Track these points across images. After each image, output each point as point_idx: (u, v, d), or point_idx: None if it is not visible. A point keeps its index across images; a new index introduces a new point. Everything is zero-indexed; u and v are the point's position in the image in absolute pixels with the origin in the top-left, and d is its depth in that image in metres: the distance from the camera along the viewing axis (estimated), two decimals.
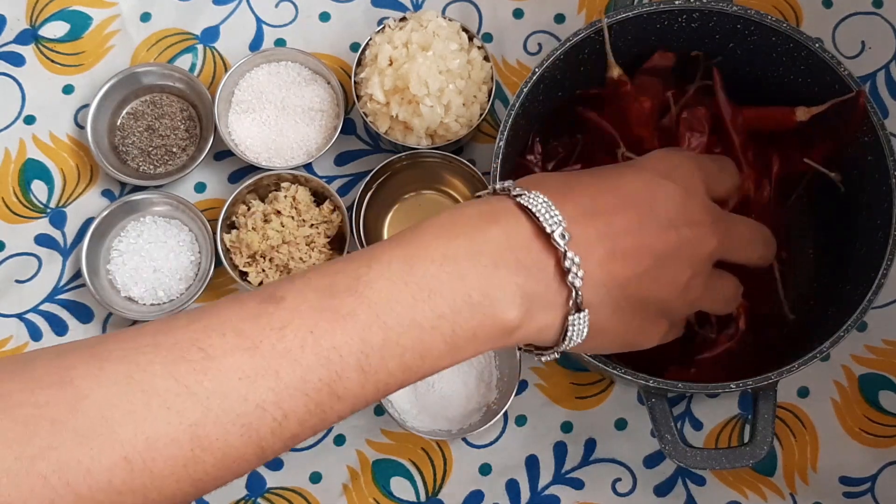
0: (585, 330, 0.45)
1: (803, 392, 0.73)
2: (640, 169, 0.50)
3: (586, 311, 0.45)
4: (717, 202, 0.52)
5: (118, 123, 0.79)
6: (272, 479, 0.72)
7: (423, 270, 0.42)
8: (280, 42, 0.81)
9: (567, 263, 0.43)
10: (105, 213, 0.75)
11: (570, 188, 0.46)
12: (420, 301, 0.41)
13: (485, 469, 0.72)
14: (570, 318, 0.45)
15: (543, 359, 0.49)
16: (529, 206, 0.44)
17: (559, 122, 0.70)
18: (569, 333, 0.45)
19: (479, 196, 0.48)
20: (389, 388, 0.42)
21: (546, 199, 0.44)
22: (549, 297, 0.44)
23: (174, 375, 0.38)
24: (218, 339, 0.40)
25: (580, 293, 0.44)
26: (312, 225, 0.74)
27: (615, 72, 0.66)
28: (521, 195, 0.45)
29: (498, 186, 0.46)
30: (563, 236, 0.43)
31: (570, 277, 0.43)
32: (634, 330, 0.49)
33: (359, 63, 0.76)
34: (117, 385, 0.38)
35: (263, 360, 0.39)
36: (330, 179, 0.78)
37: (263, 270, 0.73)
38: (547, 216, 0.44)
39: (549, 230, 0.43)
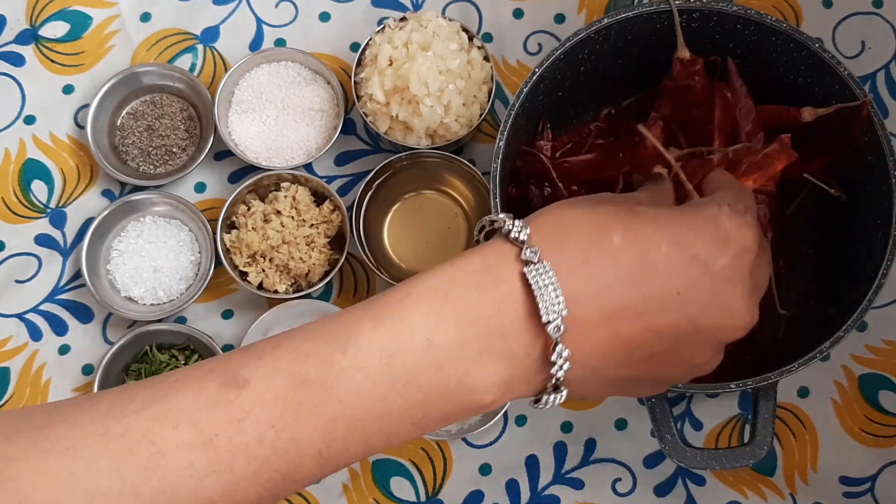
0: (560, 401, 0.43)
1: (803, 392, 0.73)
2: (674, 243, 0.43)
3: (565, 391, 0.42)
4: None
5: (118, 123, 0.79)
6: None
7: (401, 359, 0.39)
8: (280, 42, 0.81)
9: (554, 357, 0.40)
10: (105, 213, 0.75)
11: (595, 250, 0.42)
12: (393, 393, 0.39)
13: (485, 469, 0.72)
14: (546, 397, 0.42)
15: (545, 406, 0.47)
16: (533, 286, 0.40)
17: (571, 110, 0.70)
18: (539, 405, 0.43)
19: (485, 227, 0.44)
20: (350, 464, 0.41)
21: (554, 281, 0.40)
22: (528, 378, 0.42)
23: (120, 474, 0.36)
24: (170, 430, 0.37)
25: (561, 379, 0.42)
26: (312, 225, 0.74)
27: (686, 52, 0.66)
28: (529, 265, 0.40)
29: (511, 231, 0.42)
30: (558, 329, 0.40)
31: (553, 370, 0.41)
32: (621, 392, 0.46)
33: (359, 63, 0.76)
34: (58, 485, 0.36)
35: (217, 455, 0.37)
36: (330, 179, 0.78)
37: (263, 270, 0.73)
38: (549, 303, 0.40)
39: (545, 319, 0.40)
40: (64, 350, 0.76)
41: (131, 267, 0.75)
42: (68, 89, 0.80)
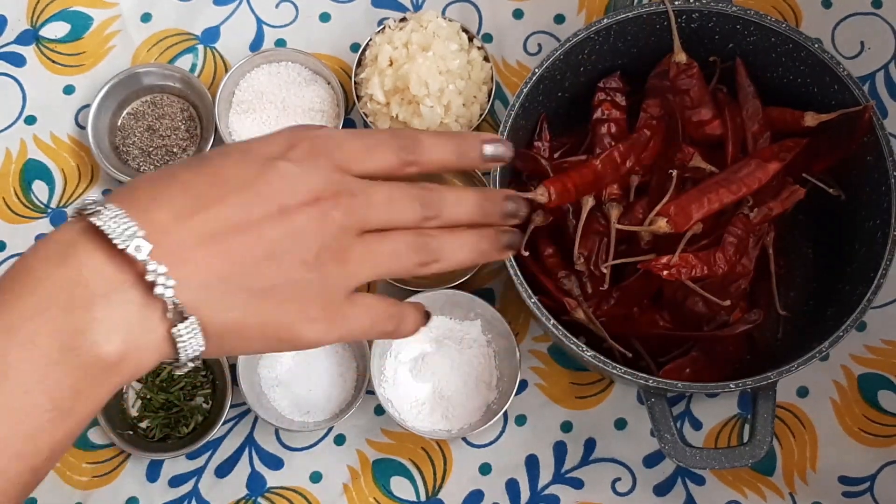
0: (199, 337, 0.42)
1: (802, 392, 0.73)
2: (245, 151, 0.45)
3: (193, 317, 0.41)
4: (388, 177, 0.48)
5: (119, 124, 0.79)
6: (272, 478, 0.72)
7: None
8: (280, 42, 0.81)
9: (150, 276, 0.40)
10: None
11: (164, 188, 0.43)
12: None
13: (485, 469, 0.72)
14: (174, 329, 0.41)
15: (176, 373, 0.46)
16: (100, 226, 0.40)
17: (571, 110, 0.71)
18: (180, 344, 0.42)
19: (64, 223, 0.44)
20: (15, 481, 0.39)
21: (119, 211, 0.40)
22: (145, 316, 0.41)
23: None
24: None
25: (177, 302, 0.41)
26: None
27: (682, 56, 0.66)
28: (93, 213, 0.41)
29: (79, 206, 0.42)
30: (138, 249, 0.40)
31: (156, 290, 0.40)
32: (276, 320, 0.45)
33: (359, 63, 0.76)
34: None
35: None
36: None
37: None
38: (118, 231, 0.40)
39: (122, 246, 0.40)
40: None
41: None
42: (69, 90, 0.80)
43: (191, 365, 0.44)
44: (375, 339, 0.50)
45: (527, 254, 0.65)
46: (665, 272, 0.60)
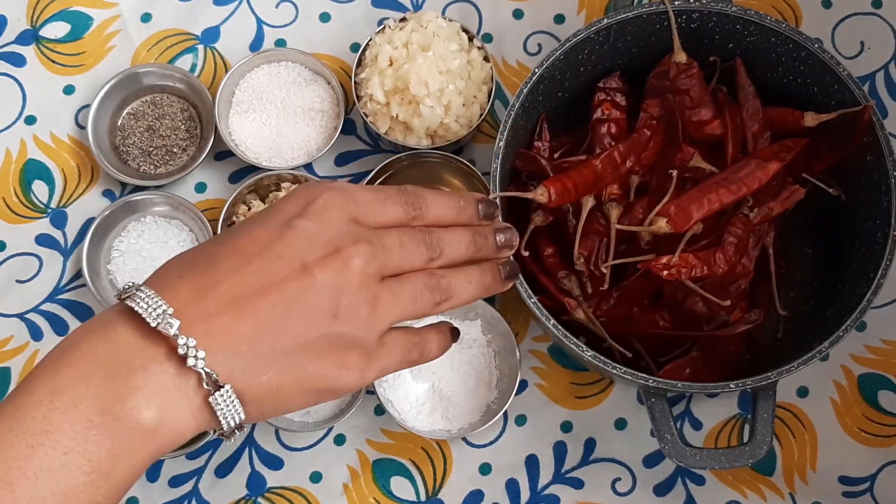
0: (237, 403, 0.44)
1: (803, 392, 0.73)
2: (264, 217, 0.48)
3: (228, 385, 0.44)
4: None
5: (119, 124, 0.79)
6: (272, 478, 0.72)
7: (31, 415, 0.41)
8: (280, 42, 0.81)
9: (181, 350, 0.42)
10: (106, 213, 0.75)
11: (190, 266, 0.46)
12: (38, 447, 0.40)
13: (485, 469, 0.72)
14: (211, 399, 0.44)
15: (229, 441, 0.48)
16: (134, 306, 0.43)
17: (571, 110, 0.71)
18: (219, 412, 0.44)
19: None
20: None
21: (150, 293, 0.44)
22: (180, 386, 0.43)
23: None
24: None
25: (209, 371, 0.43)
26: None
27: (682, 56, 0.66)
28: (129, 296, 0.44)
29: (119, 290, 0.46)
30: (169, 325, 0.43)
31: (189, 362, 0.43)
32: (313, 374, 0.46)
33: (359, 63, 0.76)
34: None
35: None
36: (330, 180, 0.78)
37: None
38: (149, 310, 0.43)
39: (153, 324, 0.43)
40: None
41: (132, 267, 0.75)
42: (69, 90, 0.80)
43: (237, 434, 0.46)
44: (406, 368, 0.52)
45: (527, 254, 0.65)
46: (665, 272, 0.60)
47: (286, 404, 0.47)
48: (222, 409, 0.44)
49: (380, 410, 0.73)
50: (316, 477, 0.72)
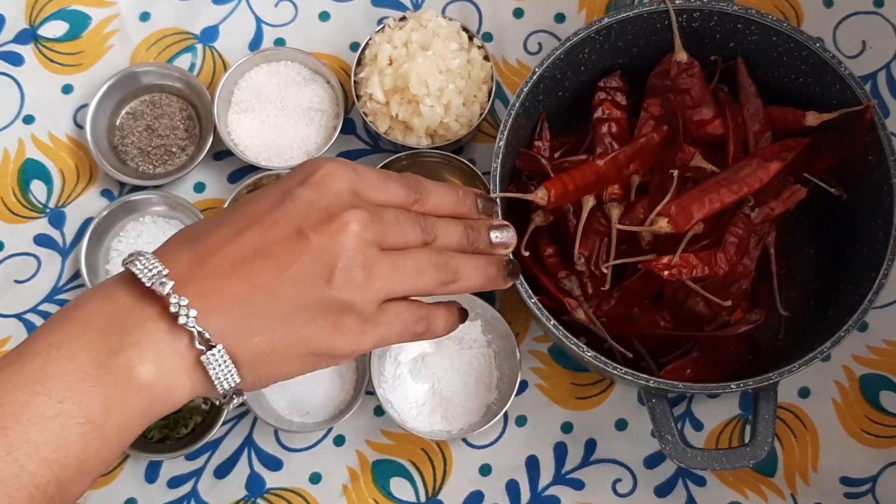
0: (229, 364, 0.45)
1: (804, 392, 0.73)
2: (267, 189, 0.49)
3: (220, 345, 0.44)
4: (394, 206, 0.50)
5: (117, 123, 0.79)
6: (272, 479, 0.72)
7: (29, 366, 0.42)
8: (280, 42, 0.81)
9: (173, 308, 0.44)
10: (104, 213, 0.75)
11: (193, 236, 0.47)
12: (34, 394, 0.41)
13: (485, 469, 0.72)
14: (203, 357, 0.44)
15: (228, 407, 0.48)
16: (132, 269, 0.45)
17: (571, 110, 0.70)
18: (212, 372, 0.45)
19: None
20: (43, 489, 0.42)
21: (152, 258, 0.45)
22: (173, 343, 0.44)
23: None
24: None
25: (200, 330, 0.44)
26: None
27: (683, 55, 0.66)
28: (131, 262, 0.46)
29: (124, 258, 0.47)
30: (162, 284, 0.44)
31: (180, 320, 0.44)
32: (307, 337, 0.46)
33: (358, 63, 0.76)
34: None
35: None
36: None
37: None
38: (145, 271, 0.45)
39: (147, 284, 0.44)
40: None
41: None
42: (67, 89, 0.80)
43: (236, 400, 0.47)
44: (409, 342, 0.52)
45: (527, 254, 0.65)
46: (666, 272, 0.60)
47: (281, 369, 0.47)
48: (215, 370, 0.45)
49: (379, 411, 0.73)
50: (315, 478, 0.72)
